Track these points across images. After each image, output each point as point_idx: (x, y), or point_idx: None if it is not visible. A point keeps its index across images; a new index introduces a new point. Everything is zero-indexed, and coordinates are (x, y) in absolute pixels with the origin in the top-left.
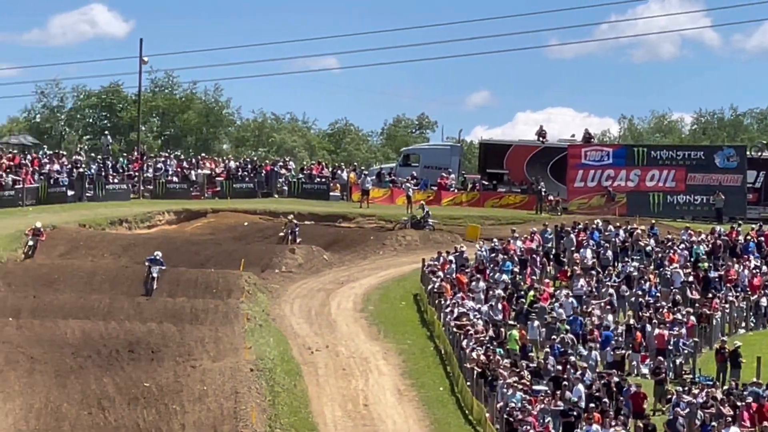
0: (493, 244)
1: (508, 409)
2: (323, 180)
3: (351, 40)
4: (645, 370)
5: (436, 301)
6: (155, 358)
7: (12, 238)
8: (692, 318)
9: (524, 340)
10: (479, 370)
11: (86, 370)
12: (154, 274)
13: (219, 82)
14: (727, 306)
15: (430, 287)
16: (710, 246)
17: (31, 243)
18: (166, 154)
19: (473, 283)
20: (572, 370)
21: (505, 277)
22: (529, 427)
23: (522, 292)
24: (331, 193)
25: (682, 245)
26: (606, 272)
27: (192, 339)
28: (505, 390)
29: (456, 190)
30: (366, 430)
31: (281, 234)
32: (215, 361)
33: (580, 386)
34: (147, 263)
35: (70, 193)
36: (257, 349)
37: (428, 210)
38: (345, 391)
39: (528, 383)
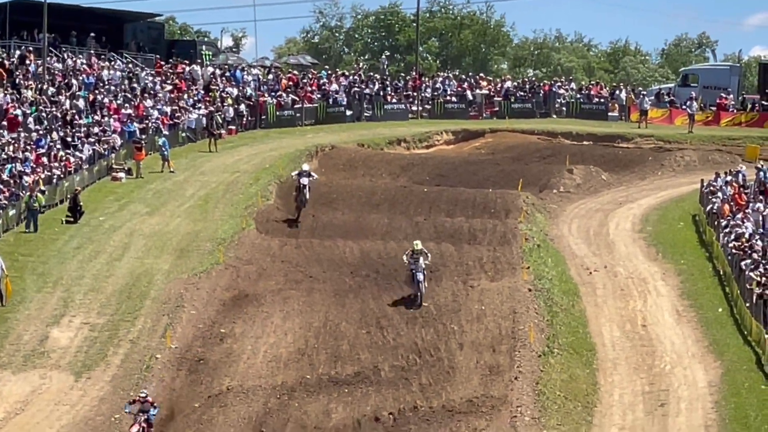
0: None
1: None
2: (602, 100)
3: None
4: None
5: (715, 222)
6: (433, 277)
7: (291, 157)
8: None
9: None
10: (758, 291)
11: (365, 289)
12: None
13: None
14: None
15: (708, 208)
16: None
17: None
18: (444, 74)
19: (752, 204)
20: None
21: None
22: None
23: None
24: (609, 114)
25: None
26: None
27: (470, 259)
28: None
29: (735, 111)
30: (644, 350)
31: (294, 193)
32: (493, 280)
33: None
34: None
35: (348, 113)
36: (535, 269)
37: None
38: (623, 312)
39: None
